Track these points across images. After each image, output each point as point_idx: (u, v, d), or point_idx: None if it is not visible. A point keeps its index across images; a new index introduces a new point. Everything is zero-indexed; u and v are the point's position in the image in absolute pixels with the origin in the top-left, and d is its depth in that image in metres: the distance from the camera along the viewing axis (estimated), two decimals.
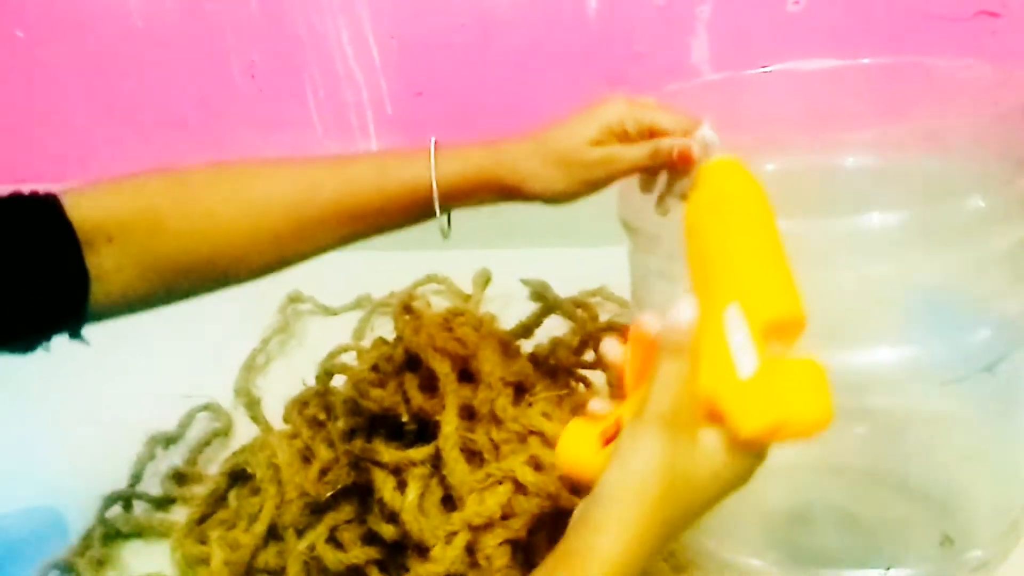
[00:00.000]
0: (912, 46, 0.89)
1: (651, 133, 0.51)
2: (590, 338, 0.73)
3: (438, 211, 0.53)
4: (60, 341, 0.51)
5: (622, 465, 0.38)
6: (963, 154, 0.51)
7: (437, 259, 1.00)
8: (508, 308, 0.90)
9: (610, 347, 0.44)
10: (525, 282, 0.85)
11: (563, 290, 0.90)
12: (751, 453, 0.38)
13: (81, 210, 0.49)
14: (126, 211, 0.50)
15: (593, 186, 0.52)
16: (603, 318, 0.85)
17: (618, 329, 0.76)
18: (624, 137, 0.51)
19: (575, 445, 0.41)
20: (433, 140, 0.53)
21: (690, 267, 0.41)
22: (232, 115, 1.08)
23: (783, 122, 0.60)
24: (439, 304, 0.97)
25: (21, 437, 0.86)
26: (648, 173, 0.52)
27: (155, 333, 0.83)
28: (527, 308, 0.82)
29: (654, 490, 0.37)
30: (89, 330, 0.52)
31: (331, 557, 0.58)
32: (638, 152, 0.50)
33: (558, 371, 0.68)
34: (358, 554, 0.58)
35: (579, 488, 0.54)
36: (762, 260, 0.38)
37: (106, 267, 0.49)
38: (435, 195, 0.52)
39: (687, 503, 0.38)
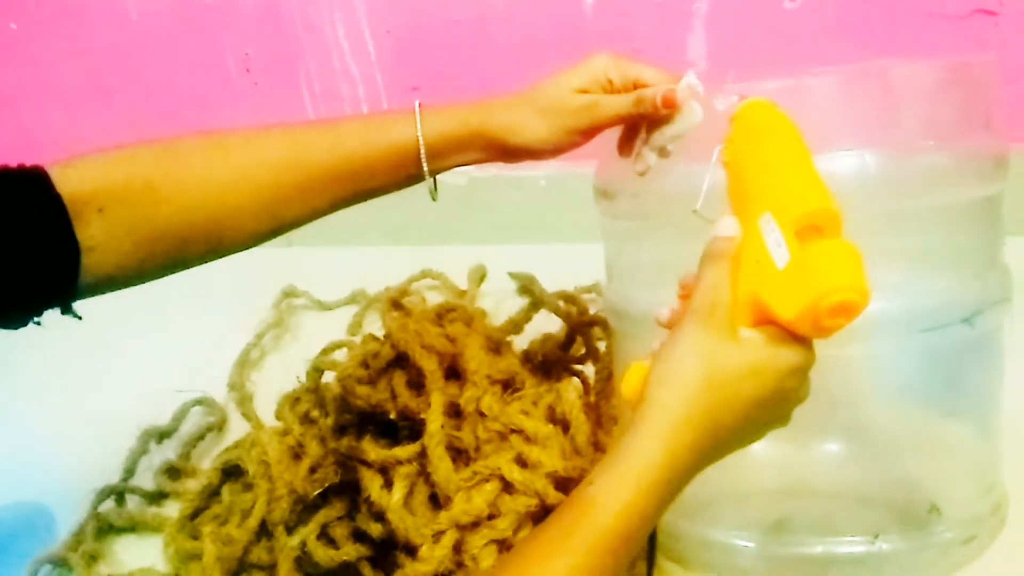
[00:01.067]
0: (909, 44, 0.89)
1: (635, 86, 0.52)
2: (577, 332, 0.73)
3: (426, 168, 0.53)
4: (53, 329, 0.50)
5: (663, 360, 0.39)
6: (922, 107, 0.52)
7: (432, 254, 1.00)
8: (503, 304, 0.90)
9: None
10: (512, 276, 0.85)
11: (558, 286, 0.90)
12: (793, 348, 0.39)
13: (70, 182, 0.48)
14: (116, 181, 0.50)
15: (578, 134, 0.53)
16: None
17: (604, 323, 0.77)
18: (609, 88, 0.52)
19: (636, 380, 0.41)
20: (417, 101, 0.54)
21: (731, 198, 0.44)
22: (227, 109, 1.08)
23: None
24: (434, 300, 0.97)
25: (15, 431, 0.86)
26: (629, 124, 0.53)
27: (150, 328, 0.83)
28: (522, 303, 0.82)
29: (694, 383, 0.38)
30: (82, 325, 0.51)
31: (322, 553, 0.58)
32: (622, 100, 0.51)
33: (549, 367, 0.68)
34: (349, 551, 0.58)
35: (567, 486, 0.54)
36: (789, 170, 0.41)
37: (97, 239, 0.49)
38: (422, 152, 0.53)
39: (730, 405, 0.39)
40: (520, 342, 0.74)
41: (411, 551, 0.53)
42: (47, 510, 0.71)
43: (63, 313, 0.51)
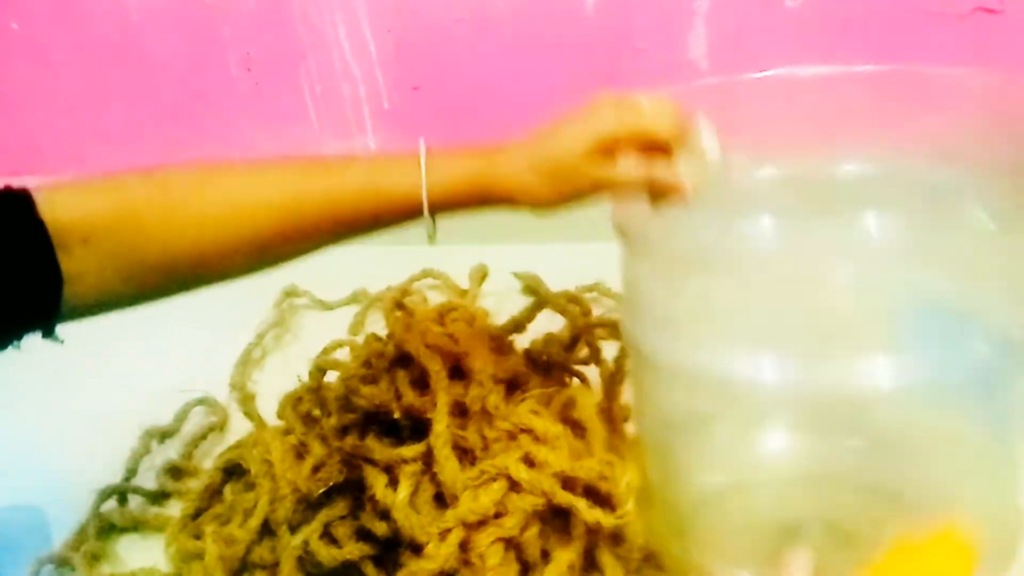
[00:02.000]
0: (909, 42, 0.89)
1: (644, 139, 0.50)
2: (582, 333, 0.73)
3: (428, 220, 0.53)
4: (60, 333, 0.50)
5: None
6: (966, 163, 0.50)
7: (434, 254, 1.00)
8: (505, 303, 0.90)
9: None
10: (517, 275, 0.85)
11: (560, 285, 0.90)
12: None
13: (55, 209, 0.47)
14: (103, 212, 0.49)
15: (583, 200, 0.52)
16: (598, 313, 0.85)
17: (609, 325, 0.77)
18: (617, 145, 0.51)
19: None
20: (423, 145, 0.53)
21: None
22: (228, 109, 1.08)
23: (780, 127, 0.60)
24: (436, 299, 0.97)
25: (15, 430, 0.86)
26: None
27: (150, 327, 0.83)
28: (524, 303, 0.82)
29: None
30: (84, 324, 0.51)
31: (325, 553, 0.58)
32: (633, 177, 0.50)
33: (552, 367, 0.68)
34: (352, 550, 0.58)
35: (575, 485, 0.54)
36: None
37: (80, 268, 0.48)
38: (425, 206, 0.52)
39: None
40: (521, 341, 0.74)
41: (416, 549, 0.53)
42: (47, 510, 0.71)
43: (44, 338, 0.50)
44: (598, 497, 0.54)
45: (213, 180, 0.52)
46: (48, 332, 0.50)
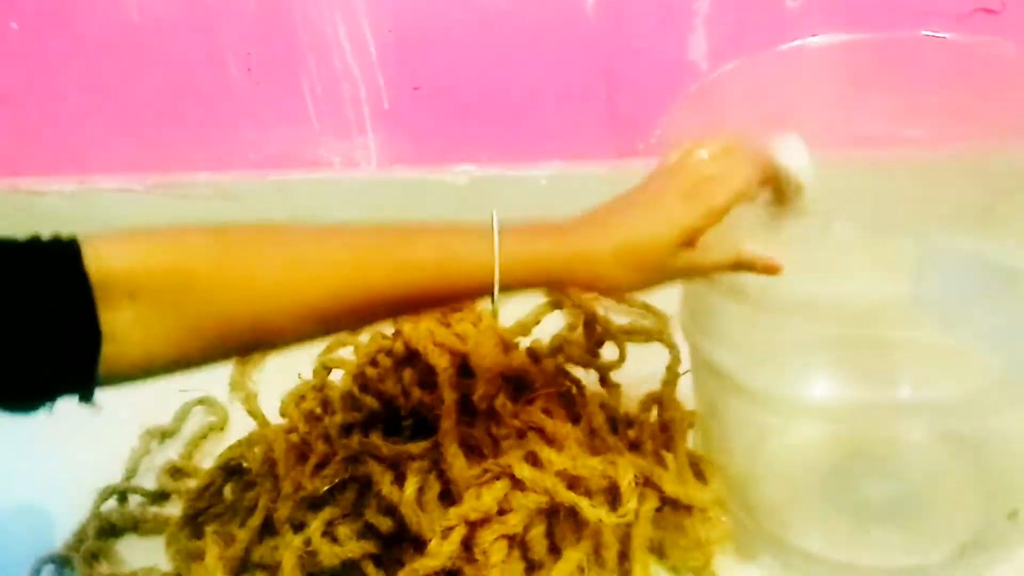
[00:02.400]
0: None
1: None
2: (605, 336, 0.73)
3: (496, 304, 0.49)
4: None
5: None
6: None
7: None
8: (506, 303, 0.90)
9: None
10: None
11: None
12: None
13: (102, 261, 0.43)
14: (155, 265, 0.45)
15: (667, 285, 0.51)
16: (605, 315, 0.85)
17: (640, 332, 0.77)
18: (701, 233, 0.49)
19: None
20: (495, 221, 0.49)
21: None
22: (228, 109, 1.08)
23: (821, 102, 0.60)
24: None
25: (15, 430, 0.85)
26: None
27: None
28: (531, 303, 0.82)
29: None
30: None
31: (327, 551, 0.58)
32: (721, 262, 0.50)
33: (556, 369, 0.68)
34: (353, 548, 0.58)
35: (577, 484, 0.54)
36: None
37: (124, 326, 0.44)
38: (496, 289, 0.48)
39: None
40: (523, 341, 0.74)
41: (419, 547, 0.53)
42: (47, 510, 0.71)
43: (81, 402, 0.46)
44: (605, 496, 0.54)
45: (276, 240, 0.48)
46: (85, 396, 0.46)
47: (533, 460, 0.55)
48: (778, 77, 0.61)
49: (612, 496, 0.55)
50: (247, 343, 0.48)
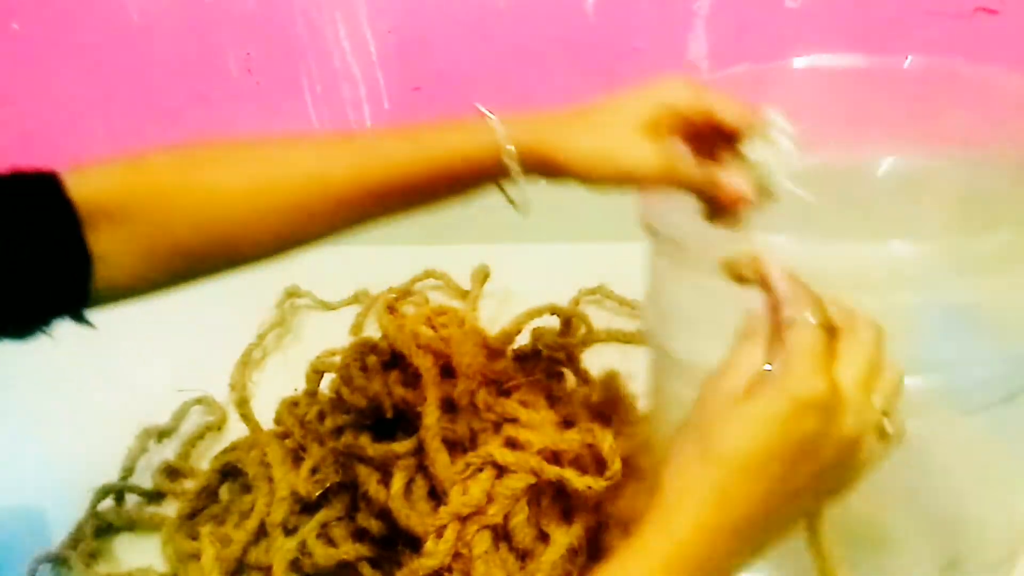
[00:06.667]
0: (910, 42, 0.88)
1: (710, 122, 0.48)
2: (573, 316, 0.73)
3: (518, 176, 0.49)
4: (60, 328, 0.49)
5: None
6: (1004, 169, 0.49)
7: (436, 254, 1.00)
8: (507, 304, 0.90)
9: None
10: (555, 309, 0.83)
11: (563, 286, 0.90)
12: (796, 383, 0.35)
13: (82, 188, 0.46)
14: (129, 189, 0.47)
15: (637, 184, 0.49)
16: (602, 316, 0.85)
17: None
18: (679, 123, 0.48)
19: None
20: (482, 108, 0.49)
21: None
22: (228, 109, 1.08)
23: (809, 117, 0.59)
24: (437, 300, 0.97)
25: (13, 429, 0.86)
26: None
27: (151, 326, 0.83)
28: (526, 304, 0.82)
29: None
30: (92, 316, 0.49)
31: (322, 552, 0.58)
32: (696, 176, 0.47)
33: (534, 364, 0.68)
34: (348, 550, 0.58)
35: (561, 460, 0.53)
36: None
37: (109, 248, 0.47)
38: (513, 158, 0.48)
39: (738, 471, 0.36)
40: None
41: (414, 546, 0.53)
42: (44, 509, 0.71)
43: (75, 322, 0.49)
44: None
45: (238, 153, 0.50)
46: (78, 316, 0.48)
47: (513, 445, 0.54)
48: (773, 90, 0.60)
49: (596, 465, 0.54)
50: (223, 257, 0.50)
